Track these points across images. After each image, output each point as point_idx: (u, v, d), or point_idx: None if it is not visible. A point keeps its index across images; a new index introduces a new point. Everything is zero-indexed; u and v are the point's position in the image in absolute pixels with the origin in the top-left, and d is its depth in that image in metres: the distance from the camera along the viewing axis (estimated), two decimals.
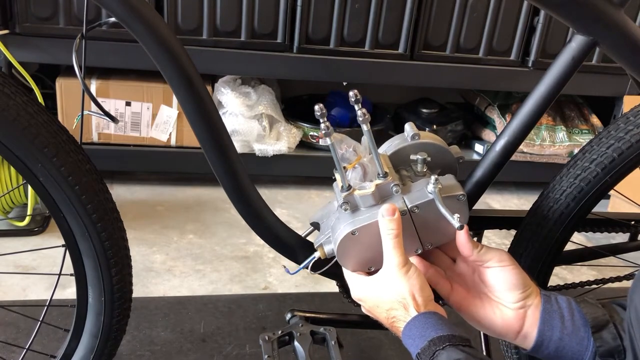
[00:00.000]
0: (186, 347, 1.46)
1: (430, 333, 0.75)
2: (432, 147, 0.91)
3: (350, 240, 0.85)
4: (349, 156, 0.86)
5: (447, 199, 0.83)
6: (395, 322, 0.81)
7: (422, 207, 0.83)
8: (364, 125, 0.82)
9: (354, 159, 0.86)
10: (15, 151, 0.87)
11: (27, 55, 1.90)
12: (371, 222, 0.83)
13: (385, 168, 0.85)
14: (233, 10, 1.96)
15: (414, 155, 0.89)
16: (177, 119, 2.07)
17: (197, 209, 2.10)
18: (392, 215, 0.82)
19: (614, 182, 0.99)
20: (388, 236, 0.82)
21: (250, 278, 1.76)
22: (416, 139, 0.90)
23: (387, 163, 0.88)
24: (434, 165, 0.91)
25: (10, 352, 1.34)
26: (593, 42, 0.85)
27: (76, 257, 0.98)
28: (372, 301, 0.85)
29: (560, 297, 0.84)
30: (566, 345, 0.81)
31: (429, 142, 0.91)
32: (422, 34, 2.10)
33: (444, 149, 0.92)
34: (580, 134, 2.41)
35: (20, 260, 1.71)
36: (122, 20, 0.82)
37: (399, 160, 0.91)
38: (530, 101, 0.91)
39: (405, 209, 0.83)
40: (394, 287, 0.81)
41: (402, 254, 0.81)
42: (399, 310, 0.80)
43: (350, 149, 0.85)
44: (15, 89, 0.88)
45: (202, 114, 0.89)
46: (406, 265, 0.81)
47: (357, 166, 0.86)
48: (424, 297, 0.80)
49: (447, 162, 0.92)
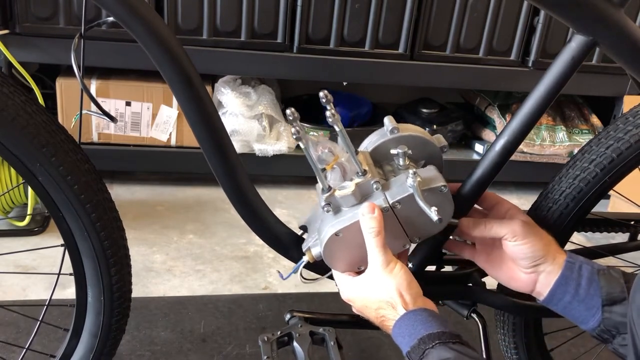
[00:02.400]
0: (186, 347, 1.46)
1: (420, 330, 0.75)
2: (412, 139, 0.89)
3: (335, 242, 0.84)
4: (326, 157, 0.84)
5: (427, 192, 0.82)
6: (385, 321, 0.81)
7: (404, 202, 0.82)
8: (335, 125, 0.82)
9: (332, 160, 0.84)
10: (14, 151, 0.87)
11: (27, 55, 1.90)
12: (353, 222, 0.82)
13: (365, 165, 0.84)
14: (233, 10, 1.96)
15: (394, 149, 0.87)
16: (177, 119, 2.07)
17: (197, 209, 2.10)
18: (372, 213, 0.81)
19: (613, 183, 0.99)
20: (370, 235, 0.81)
21: (250, 278, 1.76)
22: (395, 132, 0.89)
23: (367, 160, 0.87)
24: (417, 157, 0.89)
25: (10, 352, 1.34)
26: (593, 42, 0.85)
27: (75, 256, 0.98)
28: (361, 301, 0.85)
29: (586, 265, 0.87)
30: (574, 308, 0.86)
31: (409, 134, 0.90)
32: (422, 34, 2.10)
33: (424, 139, 0.90)
34: (580, 134, 2.41)
35: (20, 260, 1.71)
36: (121, 20, 0.82)
37: (381, 155, 0.90)
38: (530, 101, 0.91)
39: (386, 206, 0.82)
40: (380, 287, 0.81)
41: (386, 252, 0.81)
42: (387, 309, 0.80)
43: (326, 150, 0.84)
44: (14, 88, 0.88)
45: (201, 114, 0.89)
46: (391, 264, 0.81)
47: (336, 167, 0.85)
48: (412, 294, 0.80)
49: (431, 152, 0.91)
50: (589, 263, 0.88)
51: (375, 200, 0.83)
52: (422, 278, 1.00)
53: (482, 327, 1.07)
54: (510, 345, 1.21)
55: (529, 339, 1.20)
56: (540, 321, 1.21)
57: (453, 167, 2.32)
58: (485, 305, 1.08)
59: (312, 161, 0.83)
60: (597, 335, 0.86)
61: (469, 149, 2.47)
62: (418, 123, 2.37)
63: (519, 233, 0.87)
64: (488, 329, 1.07)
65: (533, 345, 1.21)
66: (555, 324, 1.24)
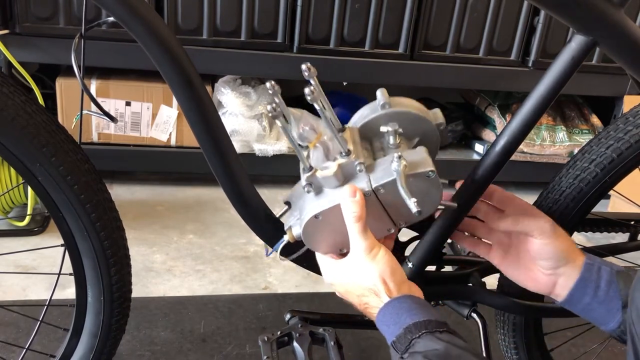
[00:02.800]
0: (186, 347, 1.46)
1: (405, 319, 0.72)
2: (405, 115, 0.83)
3: (315, 224, 0.79)
4: (308, 135, 0.79)
5: (413, 178, 0.76)
6: (369, 309, 0.78)
7: (387, 186, 0.76)
8: (315, 103, 0.77)
9: (314, 138, 0.79)
10: (14, 151, 0.87)
11: (27, 55, 1.90)
12: (334, 205, 0.77)
13: (350, 144, 0.78)
14: (233, 10, 1.96)
15: (384, 126, 0.81)
16: (177, 119, 2.07)
17: (197, 209, 2.10)
18: (353, 197, 0.76)
19: (614, 183, 0.99)
20: (351, 220, 0.76)
21: (250, 278, 1.76)
22: (386, 108, 0.82)
23: (354, 137, 0.81)
24: (411, 135, 0.83)
25: (10, 352, 1.34)
26: (593, 42, 0.85)
27: (75, 256, 0.98)
28: (343, 287, 0.82)
29: (605, 267, 0.85)
30: (594, 310, 0.84)
31: (401, 110, 0.83)
32: (422, 34, 2.10)
33: (418, 116, 0.83)
34: (581, 134, 2.41)
35: (20, 260, 1.71)
36: (122, 20, 0.82)
37: (371, 132, 0.83)
38: (530, 101, 0.91)
39: (369, 189, 0.76)
40: (362, 273, 0.77)
41: (368, 238, 0.77)
42: (370, 296, 0.77)
43: (307, 127, 0.79)
44: (14, 88, 0.88)
45: (201, 114, 0.89)
46: (374, 249, 0.77)
47: (318, 145, 0.79)
48: (396, 281, 0.76)
49: (425, 130, 0.84)
50: (608, 264, 0.86)
51: (358, 182, 0.78)
52: (422, 278, 1.00)
53: (482, 327, 1.06)
54: (511, 345, 1.21)
55: (529, 339, 1.20)
56: (540, 321, 1.21)
57: (453, 167, 2.32)
58: (485, 305, 1.08)
59: (291, 138, 0.78)
60: (618, 337, 0.84)
61: (469, 149, 2.47)
62: None
63: (547, 231, 0.84)
64: (488, 329, 1.07)
65: (533, 345, 1.21)
66: (555, 324, 1.24)
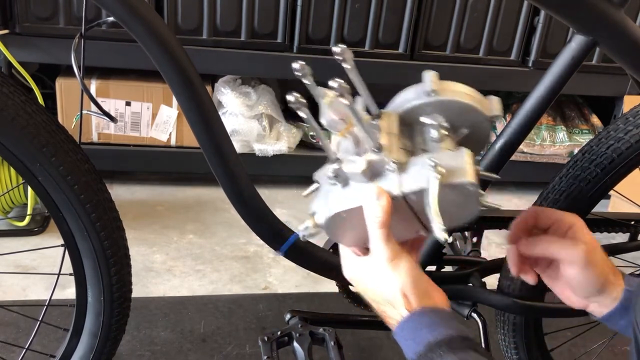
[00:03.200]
0: (186, 347, 1.46)
1: (426, 335, 0.68)
2: (454, 105, 0.72)
3: (338, 219, 0.71)
4: (337, 124, 0.72)
5: (449, 188, 0.65)
6: (387, 318, 0.74)
7: (419, 194, 0.67)
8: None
9: (343, 128, 0.72)
10: (14, 151, 0.87)
11: (27, 55, 1.90)
12: (359, 205, 0.70)
13: (384, 137, 0.69)
14: (233, 10, 1.96)
15: (426, 117, 0.71)
16: (177, 119, 2.07)
17: (197, 209, 2.10)
18: (379, 200, 0.68)
19: (614, 183, 0.99)
20: (374, 224, 0.70)
21: (250, 278, 1.76)
22: (432, 96, 0.73)
23: (392, 126, 0.72)
24: (459, 125, 0.73)
25: (10, 352, 1.34)
26: (593, 42, 0.85)
27: (75, 256, 0.98)
28: (362, 287, 0.77)
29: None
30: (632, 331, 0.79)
31: (450, 99, 0.73)
32: (422, 34, 2.09)
33: (470, 107, 0.73)
34: (581, 134, 2.41)
35: (20, 260, 1.71)
36: (121, 20, 0.82)
37: (414, 120, 0.73)
38: (530, 101, 0.91)
39: (397, 194, 0.67)
40: (382, 283, 0.72)
41: (390, 245, 0.71)
42: (389, 307, 0.72)
43: (337, 115, 0.72)
44: (14, 88, 0.88)
45: (201, 114, 0.89)
46: (395, 259, 0.71)
47: (348, 135, 0.71)
48: (417, 293, 0.71)
49: (475, 122, 0.73)
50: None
51: (387, 184, 0.68)
52: None
53: (482, 327, 1.06)
54: (511, 346, 1.21)
55: (529, 339, 1.20)
56: (540, 321, 1.21)
57: None
58: (486, 305, 1.08)
59: (316, 124, 0.71)
60: None
61: None
62: None
63: (578, 261, 0.78)
64: (488, 329, 1.07)
65: (533, 345, 1.21)
66: (555, 324, 1.24)
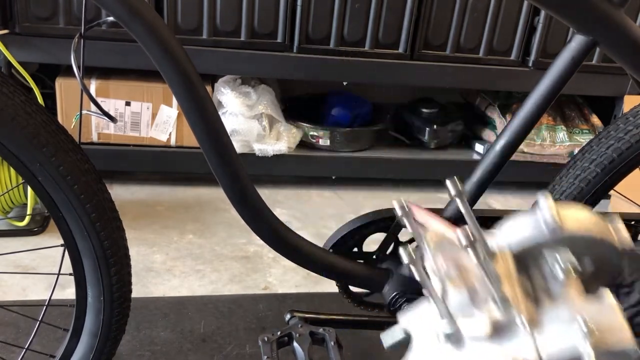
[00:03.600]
0: (186, 347, 1.46)
1: None
2: (581, 241, 0.61)
3: None
4: (449, 273, 0.61)
5: (607, 356, 0.54)
6: None
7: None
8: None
9: (458, 279, 0.61)
10: (14, 150, 0.87)
11: (27, 55, 1.90)
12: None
13: (506, 285, 0.58)
14: (233, 10, 1.96)
15: (551, 256, 0.61)
16: (177, 119, 2.07)
17: (197, 209, 2.10)
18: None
19: (614, 183, 0.99)
20: None
21: (250, 278, 1.76)
22: (557, 233, 0.60)
23: (509, 269, 0.60)
24: (584, 262, 0.63)
25: (10, 352, 1.34)
26: (593, 42, 0.85)
27: (75, 256, 0.98)
28: None
29: None
30: None
31: (579, 236, 0.61)
32: (422, 34, 2.10)
33: (600, 241, 0.63)
34: (581, 134, 2.41)
35: (20, 260, 1.71)
36: (121, 20, 0.82)
37: (532, 259, 0.63)
38: (530, 101, 0.91)
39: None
40: None
41: None
42: None
43: (450, 262, 0.60)
44: (14, 88, 0.88)
45: (201, 114, 0.89)
46: None
47: (463, 287, 0.60)
48: None
49: (603, 255, 0.63)
50: None
51: (519, 347, 0.57)
52: None
53: None
54: None
55: None
56: None
57: (453, 167, 2.32)
58: None
59: (419, 268, 0.61)
60: None
61: (469, 149, 2.47)
62: (418, 123, 2.38)
63: None
64: None
65: None
66: None
